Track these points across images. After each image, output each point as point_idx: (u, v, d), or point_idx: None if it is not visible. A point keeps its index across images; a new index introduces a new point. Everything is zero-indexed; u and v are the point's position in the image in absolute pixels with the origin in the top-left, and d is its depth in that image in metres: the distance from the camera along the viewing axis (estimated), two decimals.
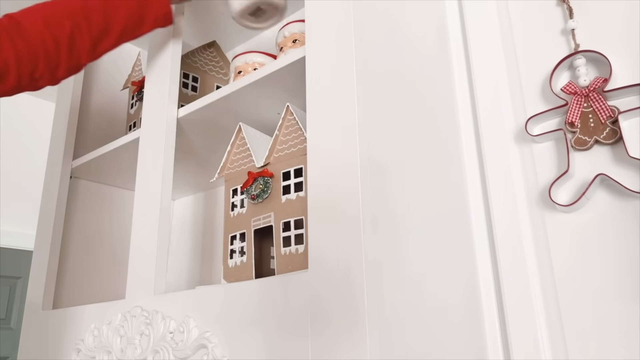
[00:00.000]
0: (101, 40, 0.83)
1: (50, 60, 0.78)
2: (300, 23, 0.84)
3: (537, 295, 0.47)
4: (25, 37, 0.75)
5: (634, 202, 0.45)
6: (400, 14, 0.64)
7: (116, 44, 0.85)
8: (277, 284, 0.65)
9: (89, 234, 1.18)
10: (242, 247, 0.80)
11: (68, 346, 0.93)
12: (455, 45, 0.59)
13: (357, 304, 0.56)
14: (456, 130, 0.56)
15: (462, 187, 0.54)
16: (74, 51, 0.80)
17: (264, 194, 0.78)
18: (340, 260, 0.59)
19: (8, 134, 2.69)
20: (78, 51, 0.81)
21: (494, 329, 0.49)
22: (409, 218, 0.57)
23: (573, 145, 0.49)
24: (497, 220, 0.50)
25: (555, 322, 0.46)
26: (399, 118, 0.60)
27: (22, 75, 0.76)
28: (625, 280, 0.44)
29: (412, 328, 0.53)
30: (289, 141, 0.78)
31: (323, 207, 0.63)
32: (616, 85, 0.48)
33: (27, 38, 0.75)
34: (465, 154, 0.55)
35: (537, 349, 0.45)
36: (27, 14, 0.78)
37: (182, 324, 0.73)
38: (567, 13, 0.52)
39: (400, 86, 0.61)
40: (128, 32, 0.85)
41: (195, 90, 1.05)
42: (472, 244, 0.52)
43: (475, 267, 0.51)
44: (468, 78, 0.57)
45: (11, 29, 0.74)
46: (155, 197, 0.89)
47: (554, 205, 0.48)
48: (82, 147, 1.19)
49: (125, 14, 0.84)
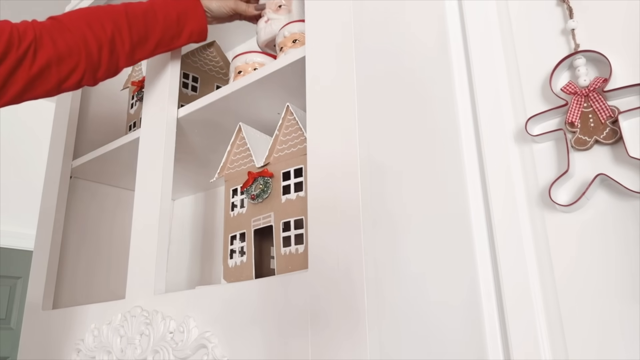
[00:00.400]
0: (139, 46, 0.85)
1: (92, 61, 0.80)
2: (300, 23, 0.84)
3: (537, 295, 0.47)
4: (66, 37, 0.77)
5: (634, 202, 0.45)
6: (400, 14, 0.64)
7: (152, 53, 0.88)
8: (277, 284, 0.65)
9: (89, 234, 1.18)
10: (242, 247, 0.80)
11: (68, 346, 0.93)
12: (455, 46, 0.59)
13: (357, 304, 0.56)
14: (456, 131, 0.56)
15: (462, 187, 0.54)
16: (114, 54, 0.82)
17: (264, 194, 0.78)
18: (340, 260, 0.59)
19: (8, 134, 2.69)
20: (117, 54, 0.82)
21: (494, 329, 0.49)
22: (409, 218, 0.57)
23: (573, 145, 0.49)
24: (497, 220, 0.50)
25: (555, 322, 0.46)
26: (399, 118, 0.60)
27: (62, 74, 0.77)
28: (625, 280, 0.44)
29: (412, 328, 0.53)
30: (289, 141, 0.78)
31: (323, 207, 0.63)
32: (616, 85, 0.48)
33: (69, 38, 0.77)
34: (465, 154, 0.55)
35: (537, 349, 0.45)
36: (71, 16, 0.80)
37: (182, 324, 0.73)
38: (567, 13, 0.52)
39: (400, 85, 0.61)
40: (164, 43, 0.88)
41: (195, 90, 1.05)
42: (472, 244, 0.52)
43: (476, 267, 0.51)
44: (468, 78, 0.57)
45: (53, 30, 0.76)
46: (155, 197, 0.89)
47: (554, 205, 0.48)
48: (82, 147, 1.19)
49: (163, 24, 0.86)
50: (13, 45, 0.71)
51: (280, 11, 0.92)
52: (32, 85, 0.75)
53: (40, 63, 0.74)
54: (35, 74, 0.74)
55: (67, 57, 0.77)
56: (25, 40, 0.72)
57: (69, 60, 0.77)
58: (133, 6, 0.85)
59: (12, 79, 0.72)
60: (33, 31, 0.74)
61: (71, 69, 0.78)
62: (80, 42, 0.78)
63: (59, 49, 0.76)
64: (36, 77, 0.74)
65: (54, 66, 0.76)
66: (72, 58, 0.77)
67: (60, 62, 0.76)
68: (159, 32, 0.86)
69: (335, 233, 0.60)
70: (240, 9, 0.95)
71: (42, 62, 0.74)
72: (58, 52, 0.76)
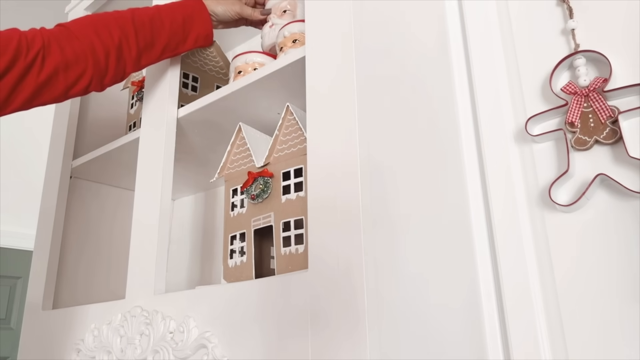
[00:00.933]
0: (146, 52, 0.85)
1: (99, 67, 0.80)
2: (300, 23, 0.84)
3: (537, 295, 0.47)
4: (74, 44, 0.77)
5: (634, 202, 0.45)
6: (400, 14, 0.64)
7: (159, 58, 0.89)
8: (277, 284, 0.65)
9: (89, 234, 1.18)
10: (242, 247, 0.80)
11: (68, 346, 0.93)
12: (455, 46, 0.59)
13: (357, 304, 0.56)
14: (456, 131, 0.56)
15: (462, 187, 0.54)
16: (121, 60, 0.83)
17: (264, 194, 0.78)
18: (340, 260, 0.59)
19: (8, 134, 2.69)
20: (124, 60, 0.83)
21: (494, 329, 0.49)
22: (408, 218, 0.56)
23: (573, 145, 0.49)
24: (497, 220, 0.50)
25: (556, 322, 0.46)
26: (399, 118, 0.60)
27: (70, 81, 0.78)
28: (625, 280, 0.44)
29: (412, 328, 0.53)
30: (289, 141, 0.78)
31: (323, 207, 0.63)
32: (616, 85, 0.48)
33: (76, 45, 0.78)
34: (465, 154, 0.55)
35: (537, 349, 0.45)
36: (78, 23, 0.80)
37: (182, 324, 0.73)
38: (567, 13, 0.52)
39: (400, 85, 0.61)
40: (170, 48, 0.89)
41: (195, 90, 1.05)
42: (472, 244, 0.52)
43: (475, 268, 0.51)
44: (468, 78, 0.57)
45: (61, 37, 0.77)
46: (155, 197, 0.89)
47: (554, 205, 0.48)
48: (82, 147, 1.19)
49: (169, 30, 0.87)
50: (21, 53, 0.72)
51: (284, 16, 0.92)
52: (40, 92, 0.75)
53: (48, 70, 0.75)
54: (44, 81, 0.75)
55: (74, 63, 0.77)
56: (33, 47, 0.73)
57: (76, 66, 0.78)
58: (140, 12, 0.85)
59: (20, 86, 0.73)
60: (41, 39, 0.75)
61: (78, 76, 0.78)
62: (88, 49, 0.78)
63: (66, 56, 0.76)
64: (44, 84, 0.75)
65: (61, 73, 0.76)
66: (79, 65, 0.78)
67: (67, 69, 0.77)
68: (165, 38, 0.87)
69: (335, 233, 0.60)
70: (245, 13, 0.95)
71: (50, 69, 0.75)
72: (65, 59, 0.76)
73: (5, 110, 0.74)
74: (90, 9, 1.25)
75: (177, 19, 0.88)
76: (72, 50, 0.77)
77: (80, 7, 1.27)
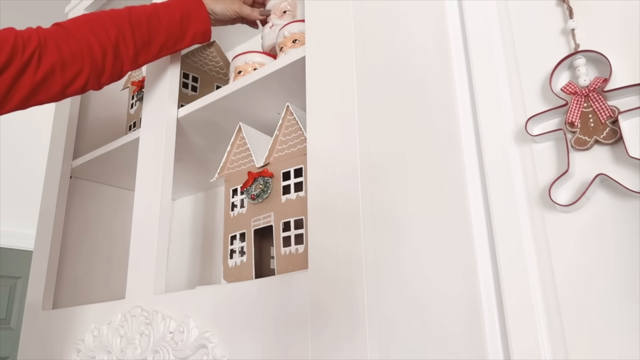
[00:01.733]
0: (143, 50, 0.85)
1: (96, 66, 0.80)
2: (300, 23, 0.84)
3: (537, 295, 0.47)
4: (70, 43, 0.77)
5: (634, 202, 0.45)
6: (400, 14, 0.64)
7: (157, 56, 0.89)
8: (277, 284, 0.65)
9: (89, 234, 1.18)
10: (242, 247, 0.80)
11: (68, 346, 0.93)
12: (455, 46, 0.59)
13: (357, 303, 0.56)
14: (456, 130, 0.55)
15: (462, 187, 0.54)
16: (118, 59, 0.83)
17: (264, 194, 0.78)
18: (340, 260, 0.59)
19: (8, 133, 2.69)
20: (122, 59, 0.83)
21: (494, 329, 0.49)
22: (409, 218, 0.56)
23: (573, 145, 0.49)
24: (497, 220, 0.50)
25: (555, 322, 0.46)
26: (399, 118, 0.60)
27: (66, 79, 0.78)
28: (625, 280, 0.44)
29: (412, 328, 0.53)
30: (289, 141, 0.78)
31: (323, 207, 0.63)
32: (616, 85, 0.48)
33: (73, 44, 0.78)
34: (465, 153, 0.55)
35: (537, 349, 0.45)
36: (75, 22, 0.80)
37: (182, 324, 0.73)
38: (567, 13, 0.52)
39: (400, 85, 0.61)
40: (168, 46, 0.88)
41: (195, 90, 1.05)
42: (472, 244, 0.52)
43: (476, 268, 0.51)
44: (468, 78, 0.57)
45: (58, 36, 0.77)
46: (155, 197, 0.89)
47: (554, 205, 0.48)
48: (82, 147, 1.19)
49: (167, 28, 0.87)
50: (17, 52, 0.72)
51: (284, 17, 0.92)
52: (37, 91, 0.75)
53: (45, 69, 0.74)
54: (40, 80, 0.74)
55: (71, 62, 0.77)
56: (29, 46, 0.73)
57: (73, 65, 0.77)
58: (137, 10, 0.85)
59: (17, 85, 0.73)
60: (37, 37, 0.74)
61: (75, 74, 0.78)
62: (84, 48, 0.78)
63: (63, 55, 0.76)
64: (41, 82, 0.75)
65: (58, 72, 0.76)
66: (76, 63, 0.78)
67: (64, 68, 0.77)
68: (162, 36, 0.86)
69: (335, 233, 0.60)
70: (244, 12, 0.95)
71: (47, 68, 0.75)
72: (62, 57, 0.76)
73: (2, 110, 0.74)
74: (90, 9, 1.25)
75: (175, 16, 0.87)
76: (69, 49, 0.77)
77: (80, 7, 1.27)
